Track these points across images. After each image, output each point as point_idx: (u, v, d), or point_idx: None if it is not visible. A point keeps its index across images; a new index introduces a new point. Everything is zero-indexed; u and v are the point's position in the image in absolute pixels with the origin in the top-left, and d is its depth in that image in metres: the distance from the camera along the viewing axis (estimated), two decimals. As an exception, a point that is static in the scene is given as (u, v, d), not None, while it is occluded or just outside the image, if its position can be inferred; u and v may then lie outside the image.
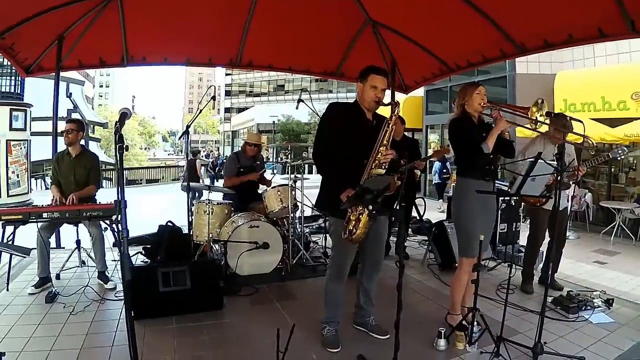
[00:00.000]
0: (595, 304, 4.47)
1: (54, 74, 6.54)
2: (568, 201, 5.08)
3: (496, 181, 3.95)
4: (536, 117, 3.65)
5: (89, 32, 6.03)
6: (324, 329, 3.73)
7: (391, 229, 6.42)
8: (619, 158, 5.02)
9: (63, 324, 3.92)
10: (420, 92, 16.14)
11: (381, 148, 3.35)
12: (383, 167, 3.34)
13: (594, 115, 10.04)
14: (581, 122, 3.65)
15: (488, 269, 5.76)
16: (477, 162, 3.72)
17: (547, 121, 3.79)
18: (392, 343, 2.90)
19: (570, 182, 4.93)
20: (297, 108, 6.45)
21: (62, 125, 5.78)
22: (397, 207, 2.92)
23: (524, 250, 5.45)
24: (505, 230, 6.60)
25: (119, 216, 2.13)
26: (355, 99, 3.69)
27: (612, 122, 9.71)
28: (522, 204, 6.98)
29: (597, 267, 7.77)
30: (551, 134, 4.72)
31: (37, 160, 19.49)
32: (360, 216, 3.28)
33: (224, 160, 25.49)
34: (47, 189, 18.58)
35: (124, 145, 2.21)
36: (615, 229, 9.66)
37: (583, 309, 4.38)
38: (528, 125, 3.78)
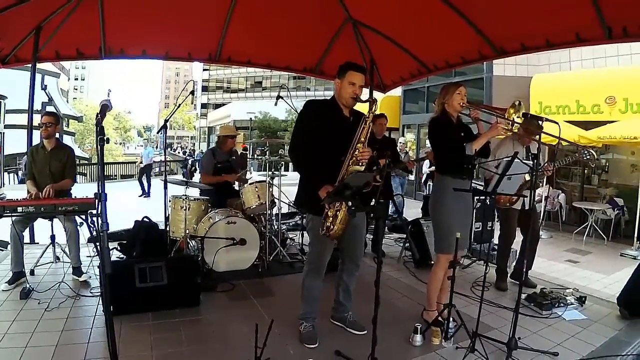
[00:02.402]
0: (568, 302, 4.58)
1: (29, 65, 6.42)
2: (540, 201, 5.17)
3: (472, 180, 4.01)
4: (513, 119, 3.72)
5: (67, 22, 5.92)
6: (301, 324, 3.75)
7: (367, 226, 6.51)
8: (584, 158, 5.11)
9: (38, 320, 3.86)
10: (397, 92, 16.24)
11: (358, 145, 3.37)
12: (361, 164, 3.36)
13: (568, 118, 10.21)
14: (557, 123, 3.72)
15: (463, 267, 5.83)
16: (456, 161, 3.78)
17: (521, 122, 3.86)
18: (369, 338, 2.93)
19: (539, 182, 5.01)
20: (276, 105, 6.42)
21: (37, 118, 5.69)
22: (376, 204, 2.95)
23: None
24: (480, 229, 6.69)
25: (99, 209, 2.11)
26: (333, 95, 3.70)
27: (586, 125, 9.88)
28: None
29: (570, 266, 7.92)
30: (520, 135, 4.82)
31: (10, 154, 19.12)
32: (338, 212, 3.30)
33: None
34: (20, 182, 18.22)
35: (105, 138, 2.18)
36: (587, 229, 9.83)
37: (556, 306, 4.48)
38: (504, 126, 3.84)
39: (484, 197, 5.93)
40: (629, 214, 10.04)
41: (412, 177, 16.74)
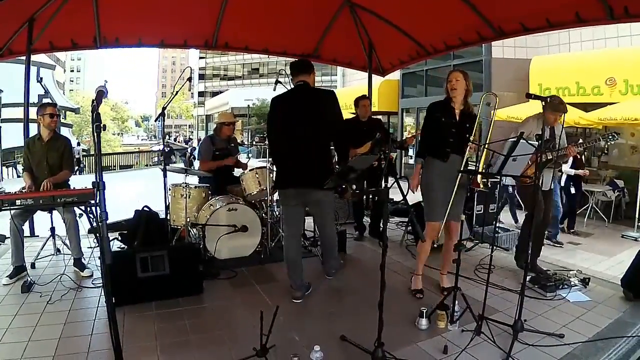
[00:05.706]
0: (572, 283, 4.55)
1: (24, 57, 6.34)
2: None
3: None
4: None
5: (60, 13, 5.80)
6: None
7: (365, 211, 6.71)
8: (610, 143, 5.09)
9: (40, 313, 3.85)
10: (396, 75, 16.16)
11: None
12: None
13: (568, 100, 10.06)
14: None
15: (466, 250, 5.79)
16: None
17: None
18: (375, 322, 2.91)
19: (561, 162, 4.98)
20: (274, 89, 6.33)
21: (33, 111, 5.62)
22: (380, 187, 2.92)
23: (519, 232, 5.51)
24: (482, 211, 6.68)
25: (98, 198, 2.06)
26: (310, 84, 4.18)
27: (586, 107, 9.84)
28: (500, 184, 7.05)
29: (572, 248, 7.92)
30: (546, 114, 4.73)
31: (8, 148, 19.02)
32: None
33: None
34: (19, 177, 18.15)
35: (102, 125, 2.14)
36: (588, 211, 9.85)
37: (560, 287, 4.46)
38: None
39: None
40: (629, 195, 10.04)
41: (411, 153, 16.75)
